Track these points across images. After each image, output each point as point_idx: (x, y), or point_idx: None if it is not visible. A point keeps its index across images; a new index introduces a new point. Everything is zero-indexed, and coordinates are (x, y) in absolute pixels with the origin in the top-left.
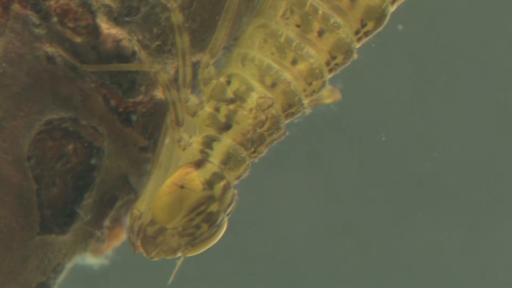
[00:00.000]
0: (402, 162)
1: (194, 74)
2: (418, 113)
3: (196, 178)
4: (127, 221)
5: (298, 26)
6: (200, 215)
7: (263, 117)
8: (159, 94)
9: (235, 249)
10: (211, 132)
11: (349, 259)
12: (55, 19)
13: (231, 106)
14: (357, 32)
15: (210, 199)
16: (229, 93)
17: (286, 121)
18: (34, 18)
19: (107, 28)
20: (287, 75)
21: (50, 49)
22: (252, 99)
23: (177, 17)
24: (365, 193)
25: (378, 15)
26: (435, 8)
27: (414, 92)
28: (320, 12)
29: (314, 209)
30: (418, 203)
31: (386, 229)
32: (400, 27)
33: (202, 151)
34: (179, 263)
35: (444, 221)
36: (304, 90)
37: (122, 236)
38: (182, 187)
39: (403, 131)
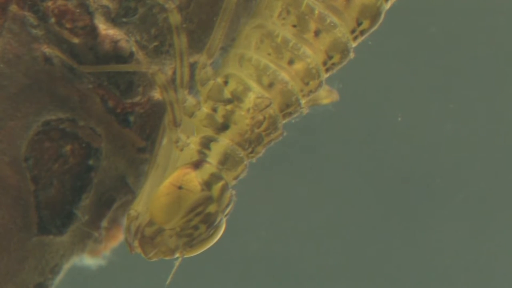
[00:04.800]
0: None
1: (192, 75)
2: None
3: (194, 179)
4: (124, 221)
5: (294, 26)
6: (198, 216)
7: (260, 117)
8: (156, 95)
9: (232, 250)
10: (209, 132)
11: (348, 258)
12: (52, 20)
13: (229, 107)
14: (353, 31)
15: (208, 199)
16: (227, 94)
17: (284, 121)
18: (31, 19)
19: (104, 29)
20: (284, 75)
21: (47, 50)
22: (250, 99)
23: (175, 18)
24: (363, 193)
25: (373, 13)
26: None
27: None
28: (316, 12)
29: (311, 209)
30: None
31: (387, 229)
32: None
33: (199, 152)
34: (177, 263)
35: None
36: (301, 90)
37: (120, 237)
38: (180, 187)
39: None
